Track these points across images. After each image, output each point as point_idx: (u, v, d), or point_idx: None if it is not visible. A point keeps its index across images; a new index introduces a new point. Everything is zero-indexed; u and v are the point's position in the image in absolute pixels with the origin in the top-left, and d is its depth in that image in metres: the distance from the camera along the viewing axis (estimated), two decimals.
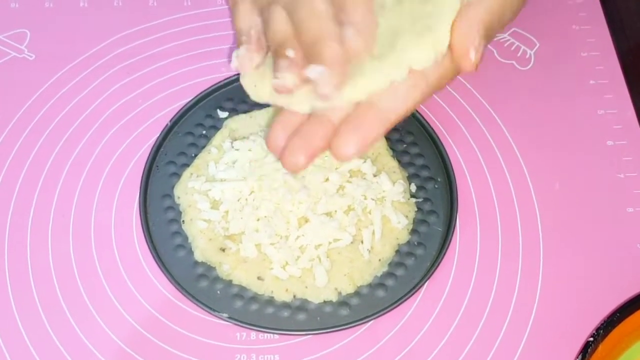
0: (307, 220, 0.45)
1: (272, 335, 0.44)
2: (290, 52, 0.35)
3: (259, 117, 0.51)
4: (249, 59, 0.38)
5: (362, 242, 0.46)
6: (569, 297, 0.45)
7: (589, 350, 0.42)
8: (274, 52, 0.37)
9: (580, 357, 0.42)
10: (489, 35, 0.37)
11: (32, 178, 0.50)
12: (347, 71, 0.35)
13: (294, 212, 0.45)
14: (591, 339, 0.42)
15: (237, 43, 0.38)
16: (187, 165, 0.50)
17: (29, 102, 0.53)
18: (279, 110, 0.38)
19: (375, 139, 0.35)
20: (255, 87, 0.38)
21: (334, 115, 0.36)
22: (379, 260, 0.46)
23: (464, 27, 0.36)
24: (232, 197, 0.46)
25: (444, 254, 0.46)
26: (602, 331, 0.42)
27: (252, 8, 0.38)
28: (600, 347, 0.42)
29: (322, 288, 0.44)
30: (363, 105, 0.35)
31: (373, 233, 0.46)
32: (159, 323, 0.44)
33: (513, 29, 0.56)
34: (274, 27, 0.37)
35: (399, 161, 0.50)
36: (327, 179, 0.47)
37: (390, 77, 0.35)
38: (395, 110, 0.35)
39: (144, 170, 0.49)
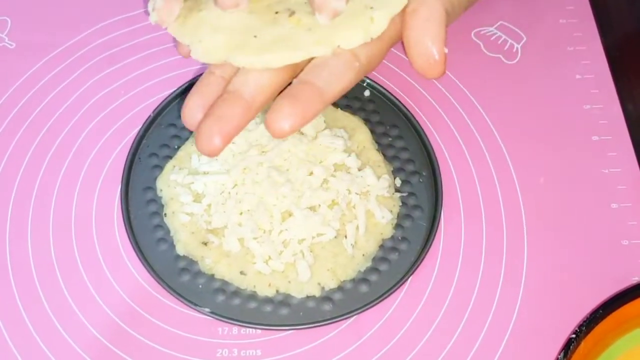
0: (290, 215, 0.45)
1: (254, 330, 0.44)
2: None
3: None
4: (168, 10, 0.36)
5: (345, 236, 0.45)
6: (552, 293, 0.45)
7: (571, 346, 0.42)
8: None
9: (562, 353, 0.42)
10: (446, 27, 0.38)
11: (12, 169, 0.49)
12: None
13: (278, 206, 0.45)
14: (574, 335, 0.42)
15: None
16: (169, 157, 0.49)
17: (9, 92, 0.52)
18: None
19: (311, 117, 0.35)
20: (201, 42, 0.36)
21: (245, 92, 0.35)
22: (363, 255, 0.45)
23: (425, 41, 0.36)
24: (215, 191, 0.46)
25: (428, 249, 0.46)
26: (584, 328, 0.42)
27: None
28: (583, 344, 0.42)
29: (305, 283, 0.44)
30: (300, 83, 0.35)
31: (357, 228, 0.46)
32: (140, 317, 0.44)
33: (500, 22, 0.56)
34: None
35: (384, 155, 0.49)
36: (311, 173, 0.46)
37: (316, 52, 0.35)
38: (332, 89, 0.36)
39: (125, 162, 0.49)
